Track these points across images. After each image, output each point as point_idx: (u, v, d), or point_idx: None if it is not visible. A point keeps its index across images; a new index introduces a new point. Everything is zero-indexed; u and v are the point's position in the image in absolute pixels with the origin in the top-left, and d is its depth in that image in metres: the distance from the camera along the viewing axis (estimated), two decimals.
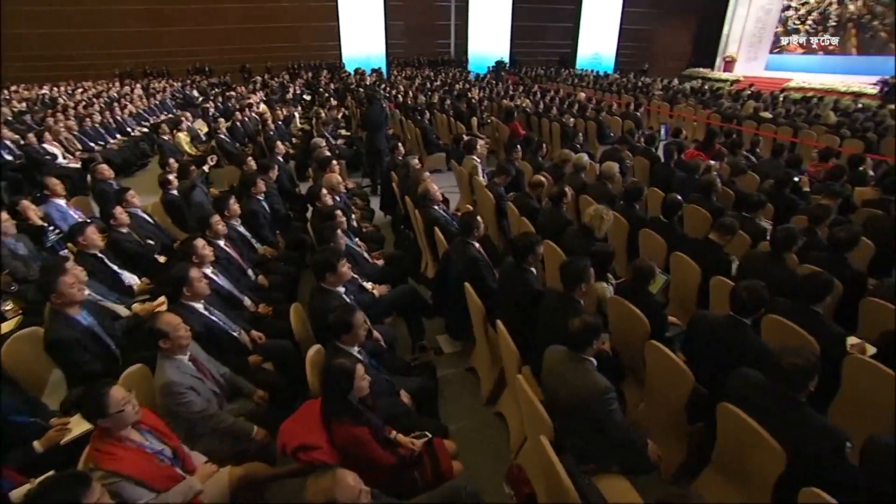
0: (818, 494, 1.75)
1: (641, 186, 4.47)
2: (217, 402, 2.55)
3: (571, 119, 9.40)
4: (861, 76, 16.92)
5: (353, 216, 5.26)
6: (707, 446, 2.53)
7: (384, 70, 21.31)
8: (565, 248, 3.78)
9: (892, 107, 10.38)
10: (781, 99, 12.42)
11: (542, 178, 4.74)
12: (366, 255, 4.40)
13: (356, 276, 3.63)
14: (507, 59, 23.16)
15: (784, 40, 21.61)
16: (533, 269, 3.25)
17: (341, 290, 3.13)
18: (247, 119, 9.44)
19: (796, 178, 4.98)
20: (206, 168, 6.45)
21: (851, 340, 3.10)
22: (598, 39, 24.01)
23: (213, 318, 3.01)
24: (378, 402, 2.49)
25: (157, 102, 13.37)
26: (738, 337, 2.59)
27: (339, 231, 3.72)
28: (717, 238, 3.62)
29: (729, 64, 22.32)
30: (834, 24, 19.68)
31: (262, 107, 11.07)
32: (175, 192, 5.09)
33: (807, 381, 2.05)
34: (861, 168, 5.28)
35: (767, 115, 9.70)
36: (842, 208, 4.85)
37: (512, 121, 9.05)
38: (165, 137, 8.08)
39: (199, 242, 3.30)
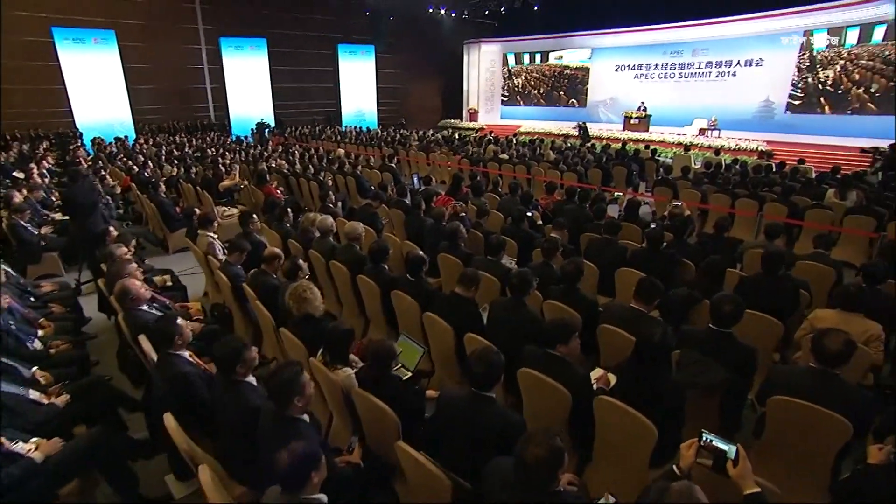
0: None
1: (386, 245, 4.06)
2: None
3: (330, 176, 8.97)
4: (566, 122, 20.60)
5: (32, 338, 3.76)
6: None
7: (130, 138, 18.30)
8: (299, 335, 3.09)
9: (589, 145, 12.64)
10: (515, 141, 14.06)
11: (276, 251, 3.99)
12: (35, 395, 3.04)
13: None
14: (270, 120, 22.20)
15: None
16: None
17: None
18: None
19: (529, 214, 5.21)
20: None
21: (595, 374, 3.02)
22: (359, 97, 24.84)
23: None
24: None
25: None
26: (483, 412, 2.19)
27: None
28: (463, 291, 3.34)
29: (473, 115, 25.13)
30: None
31: None
32: None
33: (554, 472, 1.67)
34: (574, 198, 5.85)
35: (505, 156, 10.72)
36: (572, 237, 5.22)
37: (265, 184, 8.18)
38: None
39: None
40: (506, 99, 25.21)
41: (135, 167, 10.01)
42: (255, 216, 5.10)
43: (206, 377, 2.81)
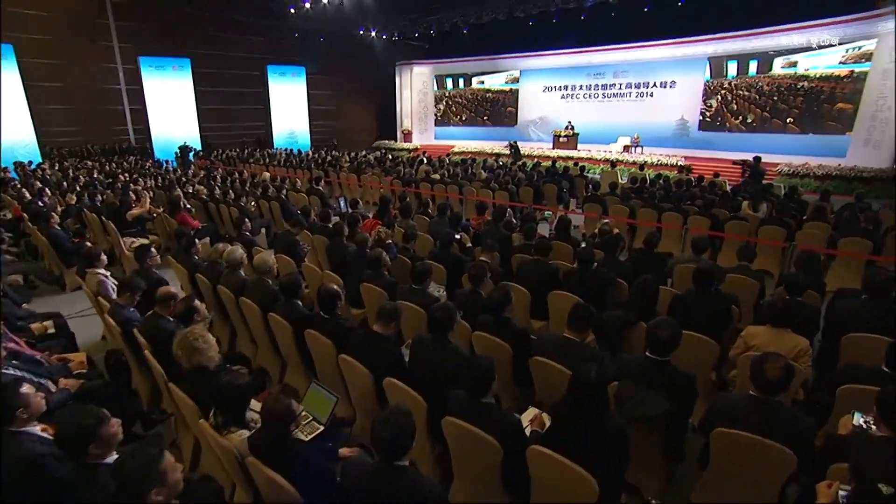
0: None
1: (297, 279, 3.61)
2: None
3: (253, 201, 8.35)
4: (498, 141, 20.85)
5: None
6: None
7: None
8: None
9: (520, 163, 12.72)
10: (447, 161, 13.92)
11: (170, 291, 3.44)
12: None
13: None
14: (197, 143, 20.96)
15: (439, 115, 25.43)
16: None
17: None
18: None
19: (457, 236, 4.92)
20: None
21: (529, 414, 2.72)
22: (291, 119, 24.13)
23: None
24: None
25: None
26: (393, 485, 1.81)
27: None
28: (382, 328, 2.96)
29: (407, 135, 24.94)
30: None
31: None
32: None
33: None
34: (505, 218, 5.64)
35: (437, 176, 10.48)
36: (504, 258, 4.97)
37: (179, 212, 7.45)
38: None
39: None
40: (439, 119, 25.25)
41: (27, 195, 8.90)
42: (153, 249, 4.48)
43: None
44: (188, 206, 8.42)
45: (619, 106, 19.39)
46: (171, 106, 20.68)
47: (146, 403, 3.63)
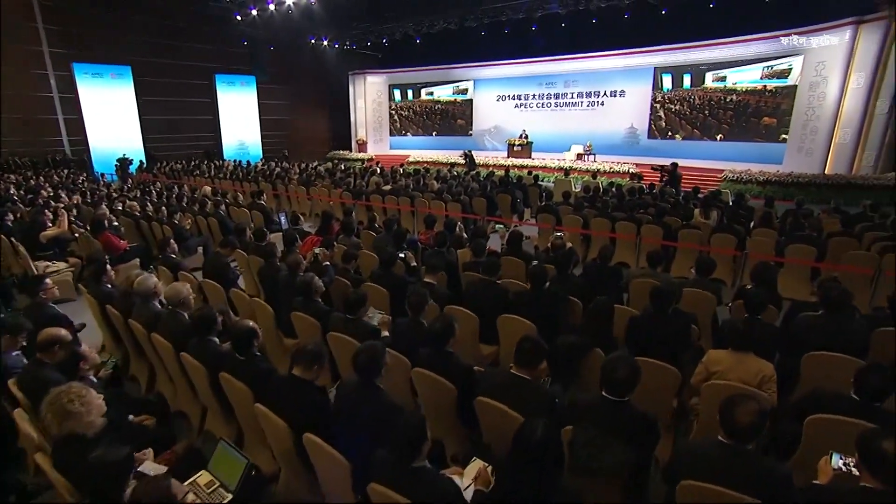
0: None
1: (212, 313, 3.12)
2: None
3: (190, 218, 7.69)
4: (454, 150, 20.64)
5: None
6: None
7: None
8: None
9: (474, 173, 12.47)
10: (400, 172, 13.50)
11: (53, 334, 2.88)
12: None
13: None
14: (141, 155, 19.72)
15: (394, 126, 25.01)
16: None
17: None
18: None
19: (402, 255, 4.52)
20: None
21: (473, 469, 2.34)
22: (241, 129, 23.19)
23: None
24: None
25: None
26: None
27: None
28: (302, 372, 2.51)
29: (362, 145, 24.33)
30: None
31: None
32: None
33: None
34: (455, 232, 5.29)
35: (388, 188, 10.05)
36: (452, 279, 4.61)
37: (102, 231, 6.72)
38: None
39: None
40: (394, 129, 24.80)
41: None
42: (47, 280, 3.85)
43: None
44: (116, 224, 7.67)
45: (571, 115, 19.53)
46: (111, 116, 19.39)
47: (33, 468, 3.05)
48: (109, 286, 4.42)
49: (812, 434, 2.44)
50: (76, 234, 7.32)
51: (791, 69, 14.43)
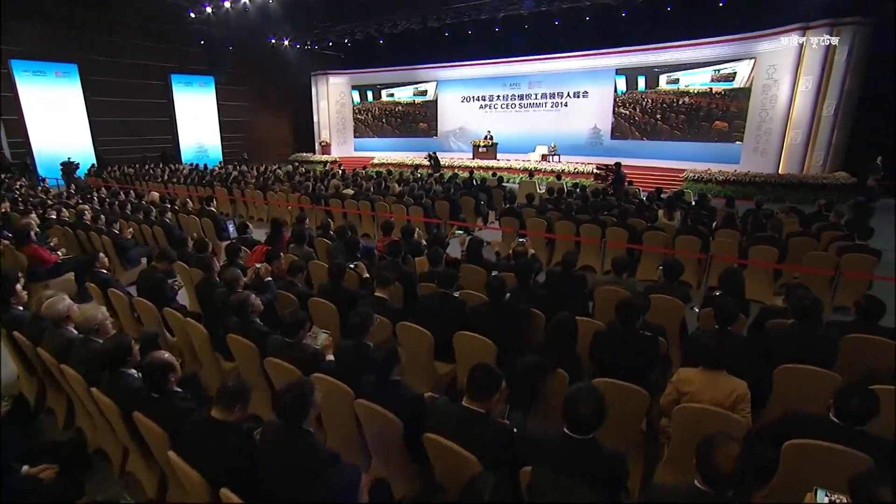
0: None
1: (126, 343, 2.69)
2: None
3: (133, 227, 7.10)
4: (419, 152, 20.27)
5: None
6: None
7: None
8: None
9: (438, 175, 12.15)
10: (362, 174, 13.05)
11: None
12: None
13: None
14: (91, 158, 18.58)
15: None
16: None
17: None
18: None
19: (352, 266, 4.16)
20: None
21: None
22: (199, 132, 22.22)
23: None
24: None
25: None
26: None
27: None
28: (222, 413, 2.12)
29: (325, 147, 23.69)
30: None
31: None
32: None
33: None
34: (413, 238, 4.96)
35: (349, 192, 9.62)
36: (408, 291, 4.26)
37: (27, 244, 6.07)
38: None
39: None
40: (358, 131, 24.24)
41: None
42: None
43: None
44: (46, 234, 7.01)
45: (535, 116, 19.46)
46: (56, 117, 18.18)
47: None
48: (21, 308, 3.89)
49: (791, 460, 2.22)
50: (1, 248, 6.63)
51: (736, 73, 14.75)
